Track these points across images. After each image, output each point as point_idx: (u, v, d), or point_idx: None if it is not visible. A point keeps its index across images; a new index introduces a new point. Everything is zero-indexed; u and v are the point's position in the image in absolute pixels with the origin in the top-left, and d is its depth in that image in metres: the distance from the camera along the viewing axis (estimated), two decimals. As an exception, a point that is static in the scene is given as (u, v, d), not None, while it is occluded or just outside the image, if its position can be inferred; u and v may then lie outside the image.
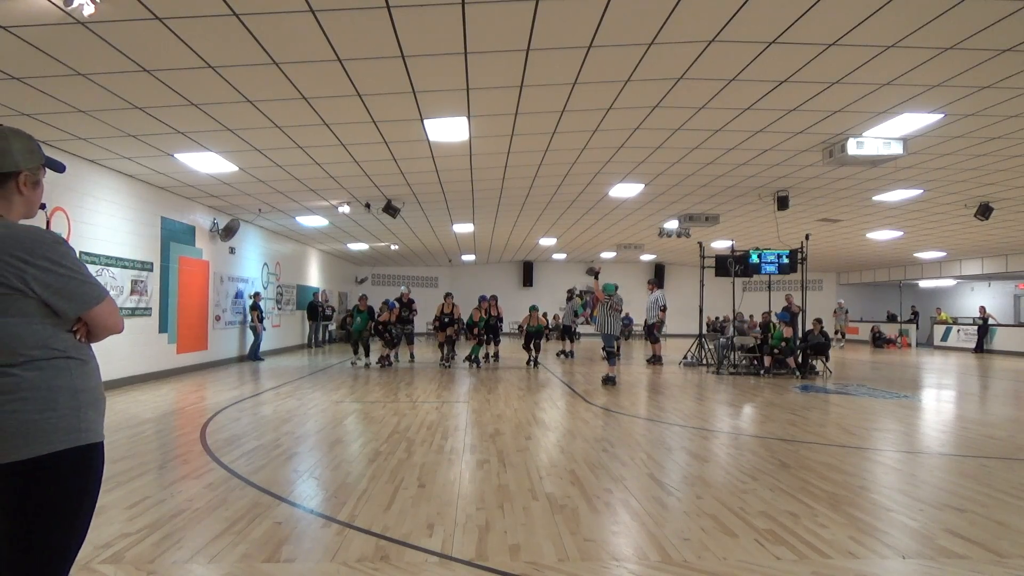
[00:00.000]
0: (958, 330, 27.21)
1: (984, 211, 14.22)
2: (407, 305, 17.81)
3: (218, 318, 16.08)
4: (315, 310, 23.14)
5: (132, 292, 12.14)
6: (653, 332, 17.80)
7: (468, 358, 16.85)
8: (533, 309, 18.07)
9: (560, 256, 29.59)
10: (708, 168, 11.69)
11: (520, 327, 21.69)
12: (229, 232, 15.85)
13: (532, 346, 17.26)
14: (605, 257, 28.86)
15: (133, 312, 12.16)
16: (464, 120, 8.82)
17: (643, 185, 13.28)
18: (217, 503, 4.88)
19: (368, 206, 14.56)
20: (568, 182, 13.10)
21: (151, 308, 12.87)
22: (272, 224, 18.32)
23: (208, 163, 10.76)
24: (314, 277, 24.84)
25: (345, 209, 14.93)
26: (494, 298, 17.57)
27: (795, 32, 6.19)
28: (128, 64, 6.58)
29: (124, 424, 8.15)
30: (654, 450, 6.85)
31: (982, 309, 25.89)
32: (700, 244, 17.28)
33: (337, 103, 7.99)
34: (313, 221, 17.44)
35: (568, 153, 10.74)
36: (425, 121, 8.82)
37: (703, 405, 10.26)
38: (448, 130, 9.27)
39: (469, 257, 28.78)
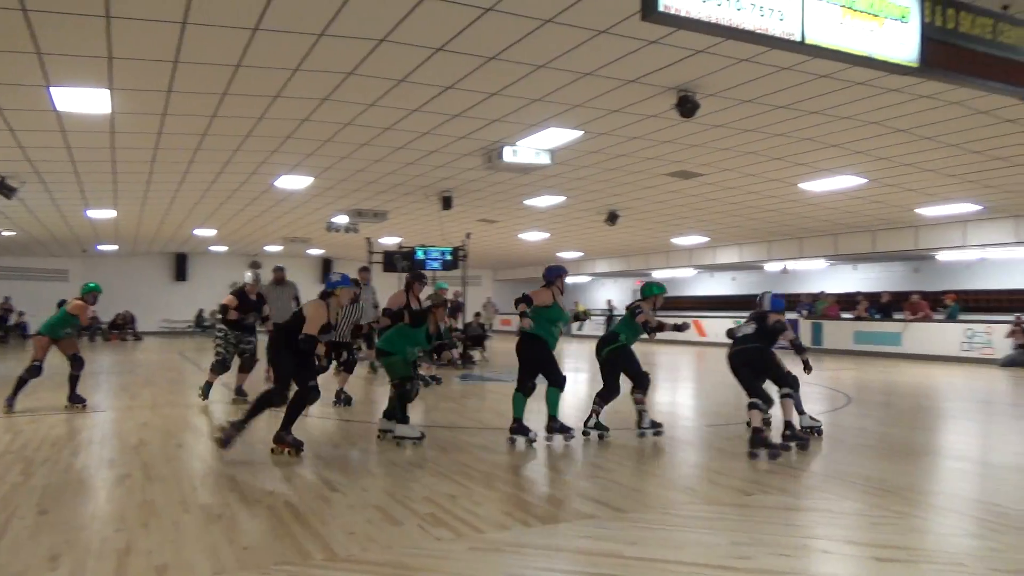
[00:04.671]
0: (591, 320, 31.40)
1: (612, 218, 16.68)
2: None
3: None
4: None
5: None
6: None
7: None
8: (440, 288, 10.36)
9: (220, 248, 27.57)
10: (377, 165, 11.86)
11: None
12: None
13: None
14: (271, 251, 27.55)
15: None
16: (106, 92, 7.78)
17: (312, 178, 13.00)
18: None
19: (-26, 183, 12.08)
20: (230, 170, 12.27)
21: None
22: None
23: None
24: None
25: (-60, 185, 12.18)
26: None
27: (459, 42, 6.56)
28: None
29: None
30: (321, 447, 6.74)
31: (608, 301, 30.21)
32: (368, 240, 17.45)
33: (-73, 52, 6.48)
34: None
35: (230, 139, 10.07)
36: (52, 88, 7.59)
37: (369, 398, 10.37)
38: (83, 102, 8.13)
39: (110, 247, 25.31)
